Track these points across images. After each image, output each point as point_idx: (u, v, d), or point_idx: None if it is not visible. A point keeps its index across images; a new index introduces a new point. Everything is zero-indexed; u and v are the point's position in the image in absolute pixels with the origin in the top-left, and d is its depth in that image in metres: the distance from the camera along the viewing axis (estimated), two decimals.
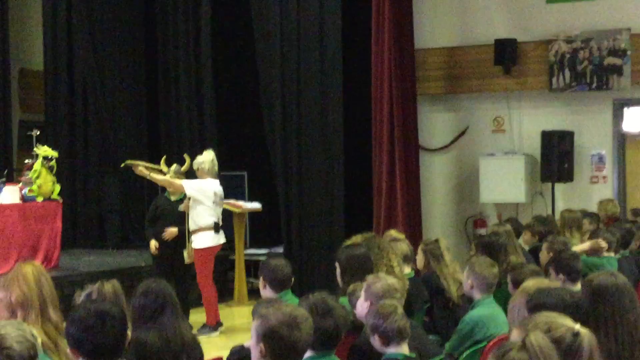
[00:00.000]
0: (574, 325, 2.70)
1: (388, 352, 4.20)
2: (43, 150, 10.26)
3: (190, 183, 9.27)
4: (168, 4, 13.41)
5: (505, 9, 11.89)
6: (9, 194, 10.13)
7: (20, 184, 10.37)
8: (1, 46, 13.95)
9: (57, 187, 10.46)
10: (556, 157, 11.19)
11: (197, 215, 9.19)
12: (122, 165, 9.74)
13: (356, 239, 6.10)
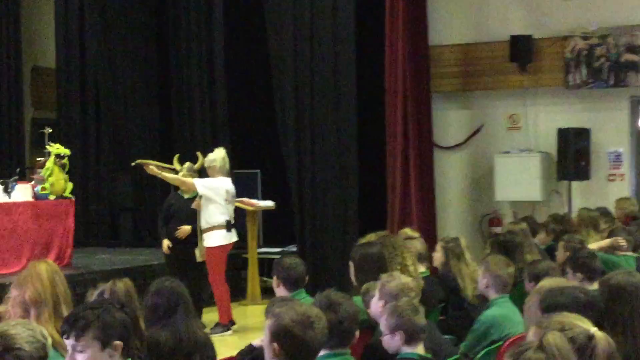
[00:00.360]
0: (589, 327, 2.64)
1: (403, 352, 4.13)
2: (55, 148, 10.25)
3: (202, 181, 9.23)
4: (180, 1, 13.39)
5: (521, 5, 11.81)
6: (22, 192, 10.13)
7: (32, 182, 10.37)
8: (14, 44, 13.99)
9: (70, 185, 10.46)
10: (572, 155, 11.10)
11: (209, 214, 9.15)
12: (132, 164, 9.70)
13: (370, 237, 6.08)
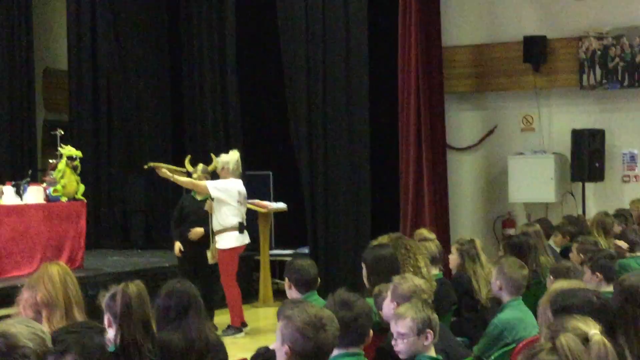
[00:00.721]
0: (592, 329, 2.59)
1: (424, 354, 4.10)
2: (67, 150, 10.25)
3: (215, 184, 9.21)
4: (192, 3, 13.40)
5: (535, 5, 11.75)
6: (34, 194, 10.13)
7: (44, 184, 10.36)
8: (25, 46, 14.02)
9: (82, 187, 10.45)
10: (587, 156, 11.02)
11: (222, 216, 9.15)
12: (145, 167, 9.69)
13: (383, 239, 6.04)
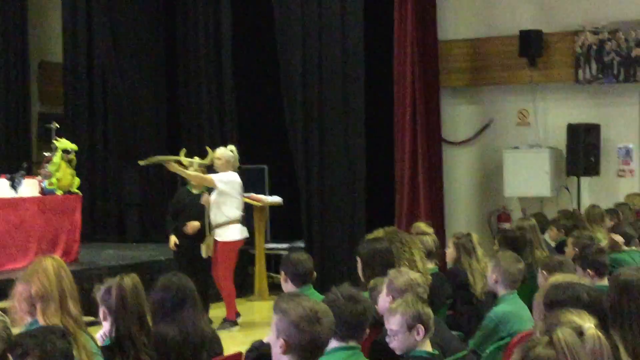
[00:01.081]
0: (586, 323, 2.60)
1: (417, 349, 4.09)
2: (62, 143, 10.24)
3: (220, 177, 9.19)
4: None
5: (530, 0, 11.74)
6: (29, 187, 10.12)
7: (39, 177, 10.35)
8: (20, 38, 14.00)
9: (77, 181, 10.45)
10: (582, 151, 11.02)
11: (227, 208, 9.14)
12: (146, 162, 9.36)
13: (378, 233, 6.04)
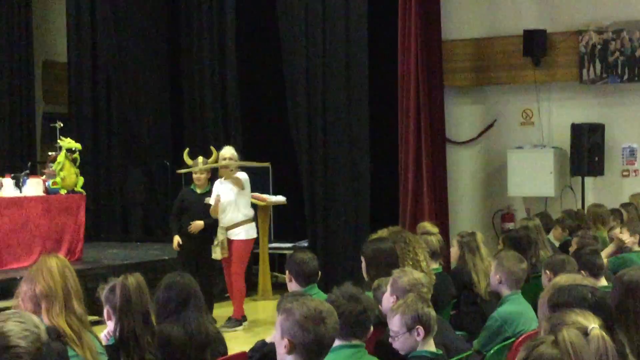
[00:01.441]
0: (591, 324, 2.59)
1: (418, 349, 4.08)
2: (67, 142, 10.24)
3: (244, 176, 9.34)
4: None
5: None
6: (33, 186, 10.12)
7: (43, 177, 10.36)
8: (25, 38, 14.01)
9: (81, 180, 10.45)
10: (586, 151, 11.01)
11: (244, 207, 9.32)
12: (186, 170, 9.52)
13: (382, 232, 6.04)
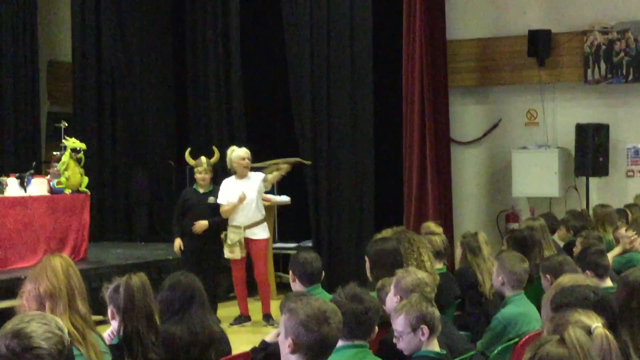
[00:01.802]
0: (595, 323, 2.61)
1: (423, 349, 4.08)
2: (71, 142, 10.24)
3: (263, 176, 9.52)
4: None
5: None
6: (37, 186, 10.13)
7: (48, 176, 10.36)
8: (30, 38, 14.02)
9: (85, 180, 10.45)
10: (591, 151, 10.99)
11: (262, 206, 9.49)
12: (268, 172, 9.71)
13: (386, 232, 6.04)
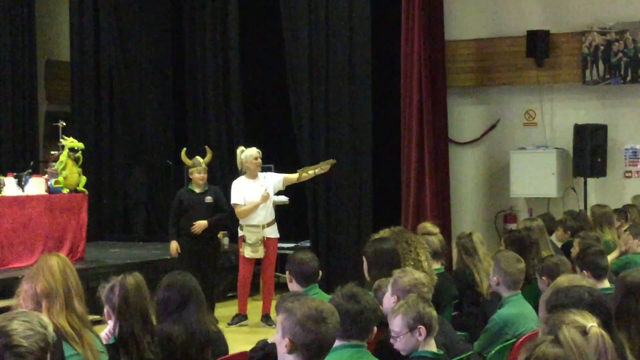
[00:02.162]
0: (590, 323, 2.61)
1: (420, 349, 4.08)
2: (69, 141, 10.24)
3: None
4: None
5: (538, 0, 11.70)
6: (35, 186, 10.13)
7: (46, 176, 10.35)
8: (28, 37, 14.00)
9: (83, 179, 10.45)
10: (589, 151, 11.00)
11: (272, 206, 9.49)
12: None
13: (384, 232, 6.02)
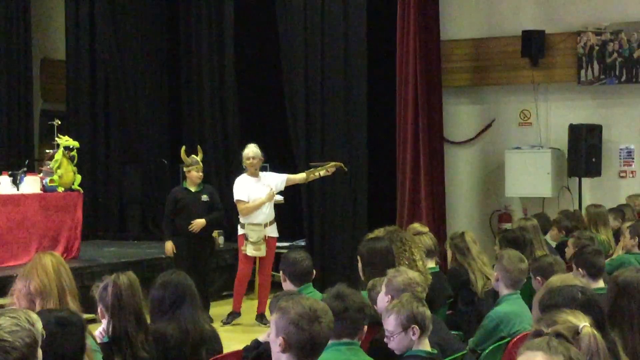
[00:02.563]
0: (582, 322, 2.61)
1: (414, 348, 4.08)
2: (64, 140, 10.23)
3: None
4: None
5: (533, 0, 11.72)
6: (30, 184, 10.12)
7: (41, 174, 10.34)
8: (23, 35, 13.99)
9: (78, 178, 10.44)
10: (584, 151, 11.01)
11: (273, 205, 9.48)
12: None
13: (379, 232, 6.04)
